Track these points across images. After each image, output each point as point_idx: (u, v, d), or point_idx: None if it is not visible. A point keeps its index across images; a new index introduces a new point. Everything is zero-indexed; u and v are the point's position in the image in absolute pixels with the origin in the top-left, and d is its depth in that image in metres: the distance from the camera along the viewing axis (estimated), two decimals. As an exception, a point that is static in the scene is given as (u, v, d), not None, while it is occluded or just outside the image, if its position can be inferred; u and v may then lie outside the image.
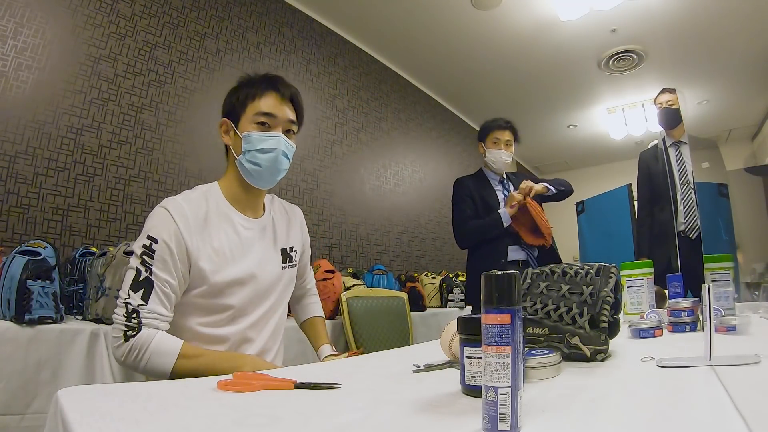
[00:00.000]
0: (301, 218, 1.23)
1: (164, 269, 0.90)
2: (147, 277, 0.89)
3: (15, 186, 1.82)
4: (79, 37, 2.08)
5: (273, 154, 1.01)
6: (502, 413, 0.39)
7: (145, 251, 0.90)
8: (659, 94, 2.53)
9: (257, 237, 1.06)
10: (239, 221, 1.03)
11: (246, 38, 2.89)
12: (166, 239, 0.91)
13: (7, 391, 1.24)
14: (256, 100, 1.02)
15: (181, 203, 0.96)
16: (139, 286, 0.88)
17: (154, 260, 0.89)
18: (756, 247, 2.27)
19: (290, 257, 1.12)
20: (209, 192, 1.03)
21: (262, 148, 1.00)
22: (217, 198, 1.03)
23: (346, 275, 2.65)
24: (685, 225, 2.31)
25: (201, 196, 1.01)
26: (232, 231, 1.01)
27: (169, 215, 0.93)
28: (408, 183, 4.18)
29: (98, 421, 0.45)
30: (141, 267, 0.89)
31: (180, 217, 0.93)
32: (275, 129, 1.02)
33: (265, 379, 0.62)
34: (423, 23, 3.55)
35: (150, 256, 0.90)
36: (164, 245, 0.90)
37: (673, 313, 1.07)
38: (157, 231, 0.91)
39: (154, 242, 0.90)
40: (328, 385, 0.60)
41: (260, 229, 1.07)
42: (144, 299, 0.88)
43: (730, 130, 5.68)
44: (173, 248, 0.91)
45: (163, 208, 0.94)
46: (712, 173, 2.36)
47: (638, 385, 0.59)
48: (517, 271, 0.44)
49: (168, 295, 0.91)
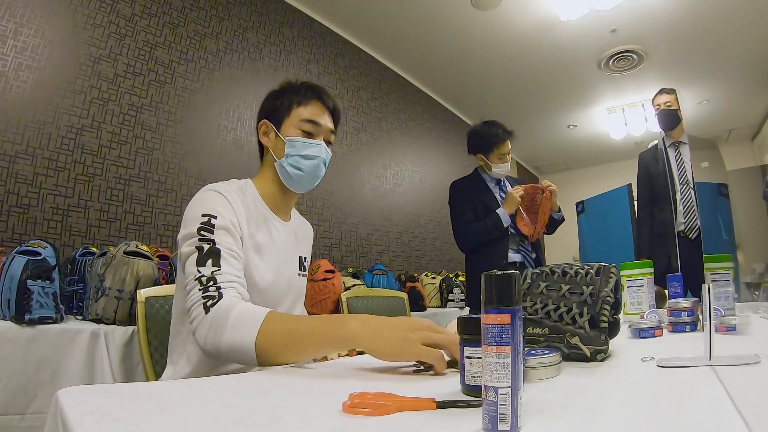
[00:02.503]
0: (311, 233, 1.23)
1: (227, 237, 0.85)
2: (211, 247, 0.82)
3: (15, 186, 1.82)
4: (79, 37, 2.08)
5: (316, 162, 1.01)
6: (502, 413, 0.39)
7: (202, 226, 0.83)
8: (657, 95, 2.53)
9: (285, 240, 1.06)
10: (274, 222, 1.03)
11: (246, 38, 2.89)
12: (223, 213, 0.87)
13: (7, 391, 1.25)
14: (302, 107, 1.02)
15: (228, 189, 0.93)
16: (206, 258, 0.80)
17: (215, 232, 0.84)
18: (756, 247, 2.27)
19: (304, 266, 1.13)
20: (245, 188, 1.01)
21: (307, 155, 1.00)
22: (254, 195, 1.02)
23: (346, 275, 2.65)
24: (685, 225, 2.31)
25: (238, 189, 0.99)
26: (267, 231, 1.01)
27: (221, 196, 0.90)
28: (408, 183, 4.18)
29: (98, 421, 0.44)
30: (201, 243, 0.82)
31: (232, 200, 0.91)
32: (318, 137, 1.02)
33: (399, 400, 0.50)
34: (423, 23, 3.56)
35: (209, 230, 0.83)
36: (223, 218, 0.86)
37: (673, 313, 1.07)
38: (212, 207, 0.87)
39: (212, 217, 0.85)
40: (471, 402, 0.50)
41: (288, 232, 1.08)
42: (215, 265, 0.80)
43: (730, 130, 5.69)
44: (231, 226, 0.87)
45: (213, 191, 0.91)
46: (712, 173, 2.37)
47: (638, 385, 0.59)
48: (517, 271, 0.44)
49: (237, 262, 0.84)
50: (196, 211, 0.87)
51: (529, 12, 3.39)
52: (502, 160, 2.07)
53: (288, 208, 1.09)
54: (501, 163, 2.08)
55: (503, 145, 2.06)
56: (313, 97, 1.03)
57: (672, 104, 2.43)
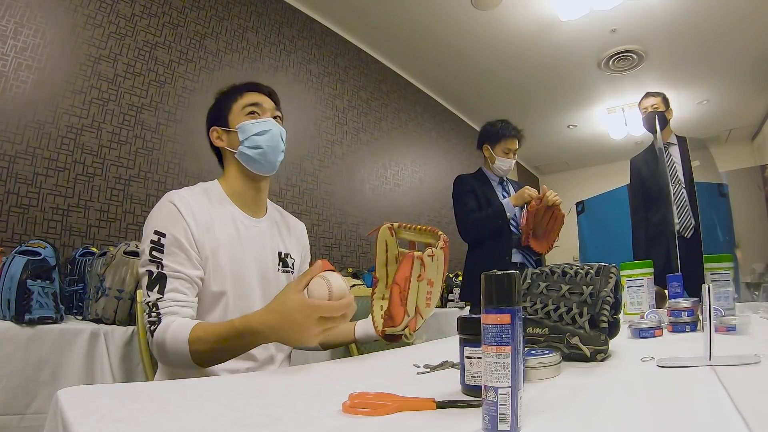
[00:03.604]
0: (302, 232, 1.22)
1: (175, 260, 0.89)
2: (159, 272, 0.88)
3: (15, 186, 1.82)
4: (79, 37, 2.08)
5: (270, 134, 1.04)
6: (502, 413, 0.39)
7: (153, 246, 0.89)
8: (643, 98, 2.55)
9: (256, 236, 1.06)
10: (240, 218, 1.04)
11: (246, 38, 2.89)
12: (174, 232, 0.90)
13: (7, 391, 1.25)
14: (239, 99, 1.07)
15: (186, 196, 0.96)
16: (154, 283, 0.88)
17: (164, 254, 0.89)
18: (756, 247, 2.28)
19: (285, 262, 1.12)
20: (210, 189, 1.05)
21: (259, 131, 1.04)
22: (220, 195, 1.04)
23: (346, 275, 2.65)
24: (679, 224, 2.33)
25: (203, 192, 1.02)
26: (234, 228, 1.02)
27: (175, 208, 0.93)
28: (408, 183, 4.18)
29: (98, 421, 0.44)
30: (151, 266, 0.89)
31: (186, 210, 0.93)
32: (264, 115, 1.06)
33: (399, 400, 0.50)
34: (423, 23, 3.56)
35: (159, 250, 0.89)
36: (173, 238, 0.90)
37: (673, 313, 1.07)
38: (163, 225, 0.91)
39: (162, 237, 0.90)
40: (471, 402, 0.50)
41: (259, 229, 1.07)
42: (160, 292, 0.87)
43: (730, 130, 5.69)
44: (182, 240, 0.90)
45: (169, 202, 0.94)
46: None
47: (638, 385, 0.59)
48: (517, 271, 0.44)
49: (184, 282, 0.89)
50: (150, 225, 0.92)
51: (529, 12, 3.39)
52: (507, 155, 2.11)
53: (258, 203, 1.10)
54: (505, 157, 2.11)
55: (511, 141, 2.11)
56: (246, 89, 1.08)
57: (659, 106, 2.44)
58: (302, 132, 3.15)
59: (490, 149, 2.14)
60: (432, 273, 0.83)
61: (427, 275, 0.82)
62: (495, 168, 2.14)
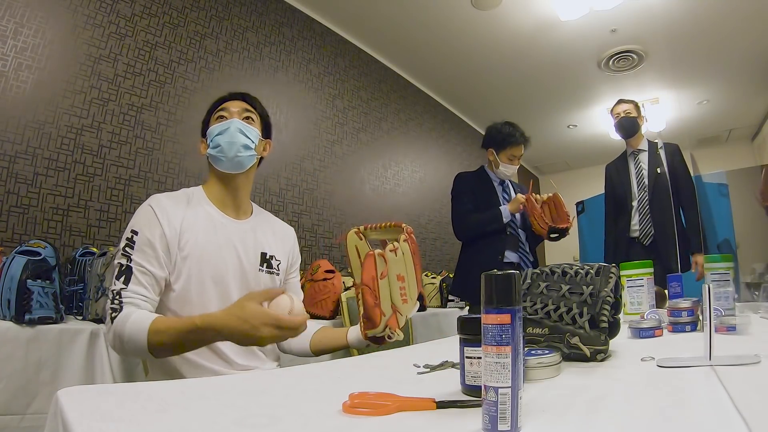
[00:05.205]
0: (289, 236, 1.25)
1: (143, 257, 0.96)
2: (127, 265, 0.95)
3: (15, 186, 1.82)
4: (79, 37, 2.08)
5: (228, 132, 1.09)
6: (502, 413, 0.39)
7: (126, 243, 0.97)
8: (615, 104, 2.60)
9: (235, 234, 1.09)
10: (218, 218, 1.09)
11: (246, 38, 2.89)
12: (146, 232, 0.98)
13: (7, 391, 1.24)
14: (216, 110, 1.15)
15: (162, 199, 1.04)
16: (121, 274, 0.95)
17: (134, 250, 0.96)
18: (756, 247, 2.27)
19: (270, 263, 1.15)
20: (192, 193, 1.11)
21: (219, 132, 1.09)
22: (201, 199, 1.10)
23: (346, 275, 2.65)
24: (639, 232, 2.37)
25: (183, 195, 1.09)
26: (212, 229, 1.06)
27: (150, 209, 1.00)
28: (408, 183, 4.18)
29: (98, 421, 0.45)
30: (122, 259, 0.96)
31: (162, 213, 1.00)
32: (231, 118, 1.12)
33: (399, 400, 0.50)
34: (423, 23, 3.55)
35: (131, 246, 0.97)
36: (144, 237, 0.97)
37: (673, 313, 1.07)
38: (138, 225, 0.99)
39: (135, 234, 0.98)
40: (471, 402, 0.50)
41: (240, 230, 1.11)
42: (125, 283, 0.94)
43: (730, 130, 5.68)
44: (154, 241, 0.97)
45: (147, 205, 1.02)
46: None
47: (638, 385, 0.59)
48: (517, 272, 0.44)
49: (149, 278, 0.96)
50: (131, 224, 1.01)
51: (529, 12, 3.39)
52: (512, 161, 2.12)
53: (238, 204, 1.14)
54: (509, 163, 2.11)
55: (516, 147, 2.11)
56: (223, 101, 1.16)
57: (631, 112, 2.47)
58: (302, 132, 3.15)
59: (494, 154, 2.13)
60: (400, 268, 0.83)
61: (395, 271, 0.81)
62: (498, 172, 2.14)
